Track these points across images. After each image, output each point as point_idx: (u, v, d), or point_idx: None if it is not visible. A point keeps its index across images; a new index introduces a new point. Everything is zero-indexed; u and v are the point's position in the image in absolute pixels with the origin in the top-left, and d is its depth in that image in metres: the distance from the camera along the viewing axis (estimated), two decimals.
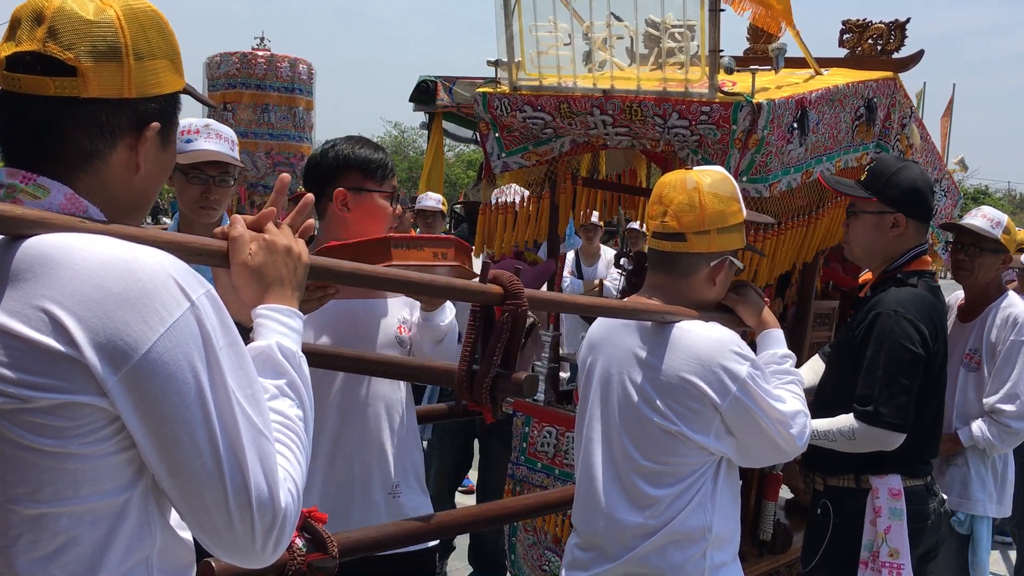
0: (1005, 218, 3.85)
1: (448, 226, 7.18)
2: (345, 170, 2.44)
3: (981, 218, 3.84)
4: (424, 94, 6.62)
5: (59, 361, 1.08)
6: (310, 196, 1.55)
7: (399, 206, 2.62)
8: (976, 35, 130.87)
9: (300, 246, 1.44)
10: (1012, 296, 3.88)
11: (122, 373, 1.08)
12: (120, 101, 1.22)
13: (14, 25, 1.20)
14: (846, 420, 2.67)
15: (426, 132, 6.94)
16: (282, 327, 1.36)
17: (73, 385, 1.08)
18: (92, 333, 1.07)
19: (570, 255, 7.81)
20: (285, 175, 1.55)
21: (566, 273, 7.28)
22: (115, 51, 1.20)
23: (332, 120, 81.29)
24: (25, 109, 1.19)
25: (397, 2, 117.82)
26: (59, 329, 1.08)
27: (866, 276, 3.25)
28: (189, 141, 2.83)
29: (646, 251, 2.55)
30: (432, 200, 6.56)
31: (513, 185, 4.12)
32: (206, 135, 2.87)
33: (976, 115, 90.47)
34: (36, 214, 1.13)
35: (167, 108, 1.30)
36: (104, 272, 1.09)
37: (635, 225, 7.23)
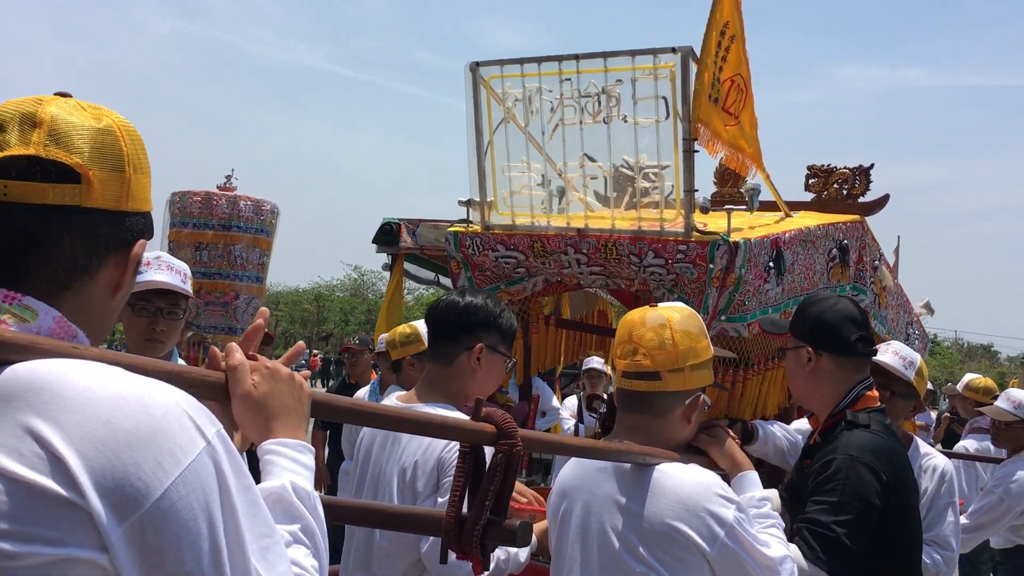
0: (918, 358, 3.36)
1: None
2: (490, 328, 2.51)
3: (892, 355, 3.27)
4: (387, 235, 6.62)
5: (57, 507, 0.91)
6: (301, 344, 1.46)
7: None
8: (922, 190, 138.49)
9: (300, 377, 1.34)
10: (923, 445, 3.49)
11: (128, 524, 0.92)
12: (116, 213, 1.13)
13: None
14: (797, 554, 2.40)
15: (387, 274, 6.91)
16: (294, 464, 1.24)
17: (72, 537, 0.91)
18: (98, 476, 0.92)
19: (572, 400, 7.70)
20: (264, 309, 1.46)
21: (568, 416, 7.16)
22: (119, 160, 1.12)
23: (291, 261, 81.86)
24: (9, 219, 1.06)
25: (361, 148, 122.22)
26: (60, 469, 0.91)
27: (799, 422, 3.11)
28: (139, 272, 2.72)
29: (613, 392, 2.46)
30: None
31: None
32: (156, 266, 2.78)
33: (922, 268, 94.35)
34: (26, 338, 1.00)
35: (148, 226, 1.21)
36: (113, 407, 0.95)
37: (596, 365, 7.17)
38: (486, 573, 1.68)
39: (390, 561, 2.40)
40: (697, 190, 2.99)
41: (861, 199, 3.74)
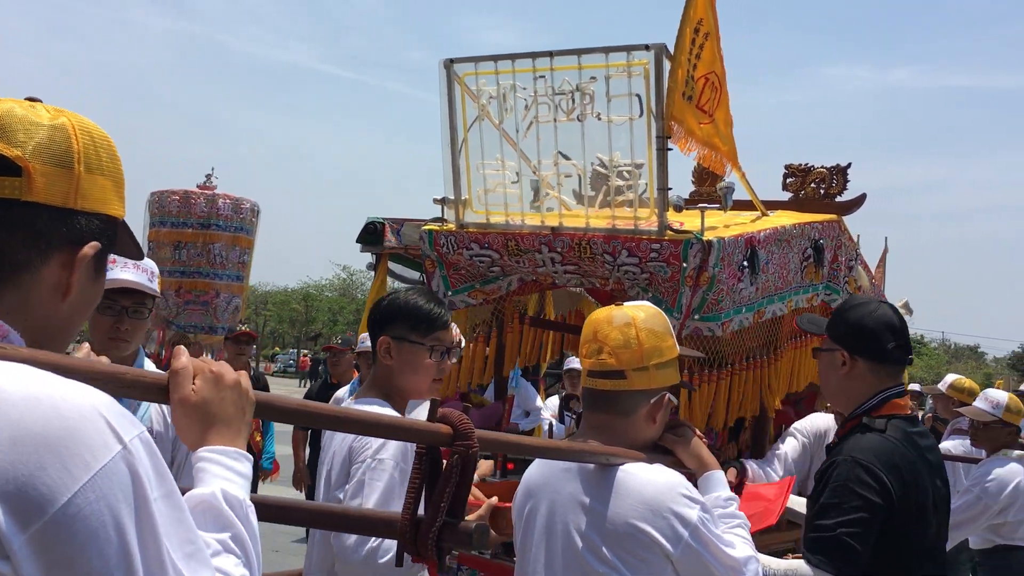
0: None
1: None
2: (394, 319, 2.48)
3: None
4: (371, 235, 6.57)
5: None
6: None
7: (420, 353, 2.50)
8: (909, 190, 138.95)
9: (247, 381, 1.30)
10: None
11: (32, 531, 0.89)
12: (63, 210, 1.10)
13: None
14: (801, 567, 2.44)
15: (373, 273, 6.87)
16: (228, 471, 1.20)
17: None
18: (0, 480, 0.89)
19: (554, 400, 7.67)
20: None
21: (548, 416, 7.12)
22: (67, 155, 1.10)
23: (281, 261, 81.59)
24: None
25: (353, 148, 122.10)
26: None
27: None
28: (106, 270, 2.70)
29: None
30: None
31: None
32: (123, 264, 2.74)
33: (909, 267, 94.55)
34: None
35: (107, 231, 1.18)
36: (24, 407, 0.92)
37: (577, 365, 7.14)
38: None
39: (316, 549, 2.43)
40: (671, 188, 2.97)
41: (838, 198, 3.72)
